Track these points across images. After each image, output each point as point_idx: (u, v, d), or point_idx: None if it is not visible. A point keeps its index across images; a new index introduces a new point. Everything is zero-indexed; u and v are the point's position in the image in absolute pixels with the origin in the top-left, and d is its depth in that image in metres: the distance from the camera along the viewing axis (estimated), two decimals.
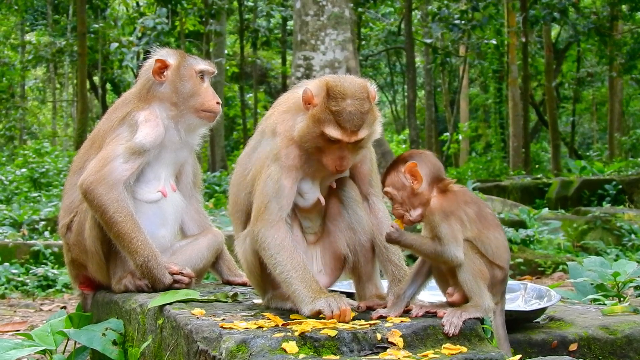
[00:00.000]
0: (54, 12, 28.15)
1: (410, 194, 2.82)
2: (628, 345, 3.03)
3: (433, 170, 2.85)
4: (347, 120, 2.81)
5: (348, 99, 2.83)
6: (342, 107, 2.82)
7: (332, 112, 2.83)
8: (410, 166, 2.81)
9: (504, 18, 23.78)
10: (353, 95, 2.85)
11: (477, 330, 2.67)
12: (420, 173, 2.81)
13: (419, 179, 2.81)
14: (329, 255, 3.13)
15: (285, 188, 2.93)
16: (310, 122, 2.87)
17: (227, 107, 29.71)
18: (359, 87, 2.89)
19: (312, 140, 2.89)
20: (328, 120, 2.83)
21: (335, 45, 13.76)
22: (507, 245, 2.84)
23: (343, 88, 2.86)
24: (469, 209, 2.78)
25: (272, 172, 2.94)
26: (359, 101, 2.85)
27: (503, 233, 2.84)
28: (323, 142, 2.87)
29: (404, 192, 2.83)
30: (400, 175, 2.83)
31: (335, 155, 2.88)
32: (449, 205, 2.77)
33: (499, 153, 28.46)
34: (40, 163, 16.73)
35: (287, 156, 2.96)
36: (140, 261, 3.50)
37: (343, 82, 2.89)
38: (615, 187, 14.06)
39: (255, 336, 2.46)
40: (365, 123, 2.85)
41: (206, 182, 15.31)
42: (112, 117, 3.79)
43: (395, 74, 37.33)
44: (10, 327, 4.94)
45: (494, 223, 2.82)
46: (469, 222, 2.75)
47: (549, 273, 8.60)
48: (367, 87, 2.93)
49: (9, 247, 8.25)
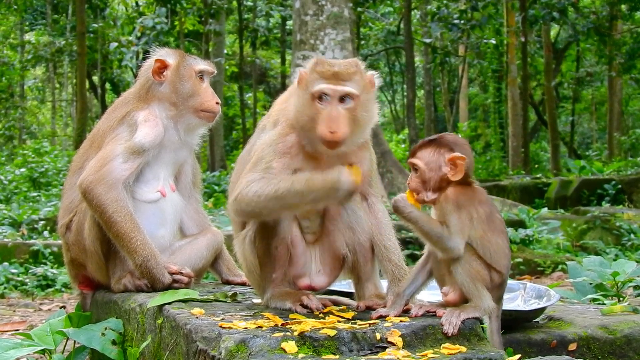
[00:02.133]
0: (53, 11, 28.15)
1: (438, 179, 2.81)
2: (627, 345, 3.03)
3: (470, 166, 2.85)
4: (331, 73, 2.87)
5: (335, 65, 2.91)
6: (327, 67, 2.89)
7: (318, 72, 2.89)
8: (458, 158, 2.79)
9: (503, 18, 23.78)
10: (340, 63, 2.93)
11: (477, 330, 2.67)
12: (463, 168, 2.80)
13: (459, 173, 2.80)
14: (328, 255, 3.13)
15: (273, 170, 2.92)
16: (301, 92, 2.93)
17: (227, 106, 29.71)
18: (350, 60, 2.98)
19: (304, 109, 2.90)
20: (315, 80, 2.88)
21: (335, 44, 13.76)
22: (509, 253, 2.82)
23: (332, 60, 2.97)
24: (482, 208, 2.78)
25: (264, 154, 2.97)
26: (345, 64, 2.92)
27: (506, 241, 2.83)
28: (314, 109, 2.87)
29: (435, 174, 2.80)
30: (442, 159, 2.81)
31: (326, 117, 2.84)
32: (464, 199, 2.77)
33: (498, 153, 28.48)
34: (39, 163, 16.73)
35: (284, 143, 2.97)
36: (139, 261, 3.50)
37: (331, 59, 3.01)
38: (615, 186, 14.07)
39: (255, 336, 2.46)
40: (351, 81, 2.87)
41: (205, 181, 15.31)
42: (111, 116, 3.79)
43: (395, 74, 37.34)
44: (9, 326, 4.94)
45: (500, 229, 2.81)
46: (478, 221, 2.74)
47: (548, 273, 8.61)
48: (357, 62, 2.99)
49: (8, 246, 8.25)
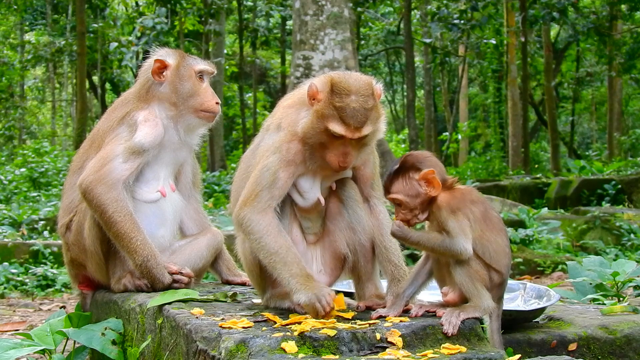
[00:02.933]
0: (53, 11, 28.16)
1: (423, 200, 2.79)
2: (627, 345, 3.03)
3: (441, 172, 2.83)
4: (350, 116, 2.81)
5: (352, 95, 2.83)
6: (346, 103, 2.82)
7: (335, 108, 2.82)
8: (428, 174, 2.78)
9: (503, 18, 23.79)
10: (357, 92, 2.85)
11: (477, 330, 2.67)
12: (438, 180, 2.79)
13: (437, 186, 2.79)
14: (328, 255, 3.13)
15: (280, 180, 2.93)
16: (314, 118, 2.87)
17: (227, 106, 29.70)
18: (364, 83, 2.89)
19: (316, 135, 2.89)
20: (332, 115, 2.83)
21: (335, 44, 13.76)
22: (509, 252, 2.81)
23: (348, 84, 2.86)
24: (475, 208, 2.77)
25: (270, 163, 2.94)
26: (363, 97, 2.84)
27: (506, 238, 2.82)
28: (326, 138, 2.87)
29: (417, 198, 2.79)
30: (414, 182, 2.80)
31: (338, 152, 2.87)
32: (456, 202, 2.76)
33: (498, 153, 28.47)
34: (39, 163, 16.73)
35: (288, 150, 2.96)
36: (139, 261, 3.50)
37: (348, 78, 2.89)
38: (615, 186, 14.06)
39: (255, 336, 2.46)
40: (369, 119, 2.84)
41: (205, 181, 15.31)
42: (111, 116, 3.79)
43: (395, 74, 37.33)
44: (9, 326, 4.93)
45: (498, 227, 2.80)
46: (474, 221, 2.74)
47: (548, 273, 8.60)
48: (372, 84, 2.93)
49: (8, 246, 8.24)
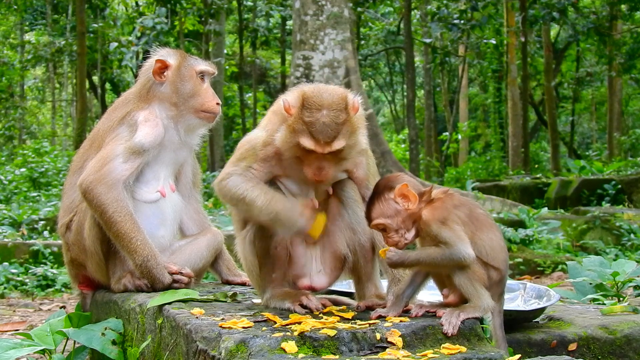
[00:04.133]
0: (53, 11, 28.15)
1: (405, 217, 2.79)
2: (627, 345, 3.03)
3: (415, 186, 2.83)
4: (320, 131, 2.78)
5: (324, 110, 2.80)
6: (315, 118, 2.79)
7: (305, 123, 2.80)
8: (402, 188, 2.78)
9: (503, 18, 23.80)
10: (329, 106, 2.81)
11: (477, 330, 2.67)
12: (413, 192, 2.79)
13: (413, 199, 2.79)
14: (328, 255, 3.13)
15: (254, 170, 2.98)
16: (288, 132, 2.86)
17: (227, 106, 29.70)
18: (337, 97, 2.85)
19: (290, 150, 2.88)
20: (302, 130, 2.80)
21: (335, 44, 13.76)
22: (504, 246, 2.81)
23: (318, 99, 2.83)
24: (460, 211, 2.76)
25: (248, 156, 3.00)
26: (334, 112, 2.80)
27: (499, 233, 2.82)
28: (301, 152, 2.86)
29: (398, 217, 2.79)
30: (390, 202, 2.79)
31: (314, 166, 2.86)
32: (440, 213, 2.76)
33: (498, 153, 28.48)
34: (39, 163, 16.72)
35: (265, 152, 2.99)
36: (139, 261, 3.50)
37: (320, 92, 2.86)
38: (615, 186, 14.07)
39: (255, 336, 2.46)
40: (340, 134, 2.80)
41: (205, 182, 15.25)
42: (111, 116, 3.79)
43: (395, 74, 37.31)
44: (9, 326, 4.94)
45: (488, 223, 2.80)
46: (462, 224, 2.74)
47: (548, 273, 8.61)
48: (347, 97, 2.88)
49: (8, 246, 8.25)
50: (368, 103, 16.19)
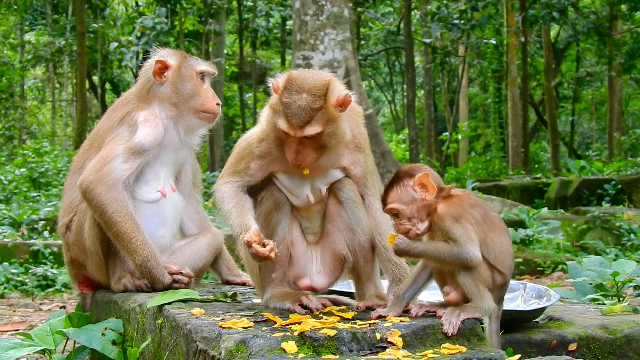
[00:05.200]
0: (53, 11, 28.14)
1: (420, 207, 2.80)
2: (627, 345, 3.03)
3: (436, 179, 2.84)
4: (294, 114, 2.79)
5: (303, 93, 2.81)
6: (293, 100, 2.81)
7: (282, 104, 2.83)
8: (422, 177, 2.79)
9: (503, 18, 23.79)
10: (309, 90, 2.82)
11: (477, 330, 2.67)
12: (432, 183, 2.80)
13: (431, 189, 2.79)
14: (328, 255, 3.13)
15: (250, 170, 3.03)
16: (270, 112, 2.92)
17: (227, 106, 29.71)
18: (319, 83, 2.85)
19: (272, 130, 2.94)
20: (279, 111, 2.84)
21: (335, 44, 13.77)
22: (512, 252, 2.81)
23: (301, 82, 2.84)
24: (475, 211, 2.77)
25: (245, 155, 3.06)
26: (312, 97, 2.81)
27: (509, 238, 2.83)
28: (280, 137, 2.91)
29: (413, 205, 2.79)
30: (409, 189, 2.80)
31: (291, 149, 2.88)
32: (456, 209, 2.76)
33: (498, 153, 28.46)
34: (39, 163, 16.70)
35: (259, 148, 3.03)
36: (139, 261, 3.50)
37: (305, 76, 2.87)
38: (615, 186, 14.06)
39: (255, 336, 2.46)
40: (314, 120, 2.80)
41: (205, 182, 15.26)
42: (111, 116, 3.79)
43: (395, 74, 37.30)
44: (9, 326, 4.93)
45: (500, 227, 2.81)
46: (477, 224, 2.74)
47: (548, 273, 8.60)
48: (329, 84, 2.88)
49: (8, 246, 8.25)
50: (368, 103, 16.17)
